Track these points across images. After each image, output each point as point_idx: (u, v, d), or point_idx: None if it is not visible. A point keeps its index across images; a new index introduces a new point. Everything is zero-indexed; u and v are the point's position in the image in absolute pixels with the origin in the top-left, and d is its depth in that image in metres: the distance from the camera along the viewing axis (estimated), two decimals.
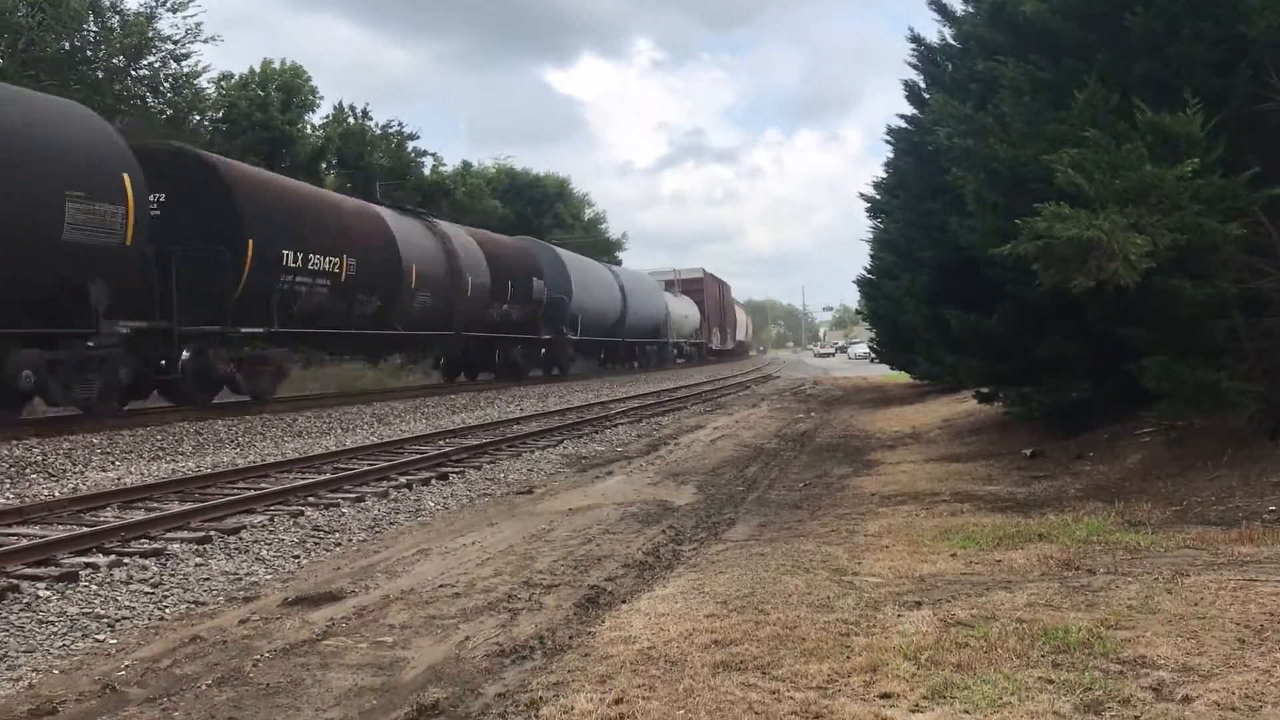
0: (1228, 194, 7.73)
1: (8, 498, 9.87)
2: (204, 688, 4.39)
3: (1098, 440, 11.00)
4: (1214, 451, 8.63)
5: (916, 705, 3.76)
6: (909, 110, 17.25)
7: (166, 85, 31.47)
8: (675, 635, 4.76)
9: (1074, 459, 10.39)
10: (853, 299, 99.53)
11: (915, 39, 15.33)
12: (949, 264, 13.24)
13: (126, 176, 14.69)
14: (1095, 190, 7.57)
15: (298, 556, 7.45)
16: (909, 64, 15.72)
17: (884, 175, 22.65)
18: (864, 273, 28.32)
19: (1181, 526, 6.84)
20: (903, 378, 29.32)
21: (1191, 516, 7.18)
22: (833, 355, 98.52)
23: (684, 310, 54.80)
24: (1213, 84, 8.18)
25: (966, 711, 3.66)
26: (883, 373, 35.79)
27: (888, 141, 19.57)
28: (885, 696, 3.86)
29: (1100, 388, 11.18)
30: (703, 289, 60.35)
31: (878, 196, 23.74)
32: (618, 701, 3.91)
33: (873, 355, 35.11)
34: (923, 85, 15.85)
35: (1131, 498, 7.95)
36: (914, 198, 16.50)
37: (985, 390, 14.47)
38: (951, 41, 14.17)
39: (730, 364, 62.98)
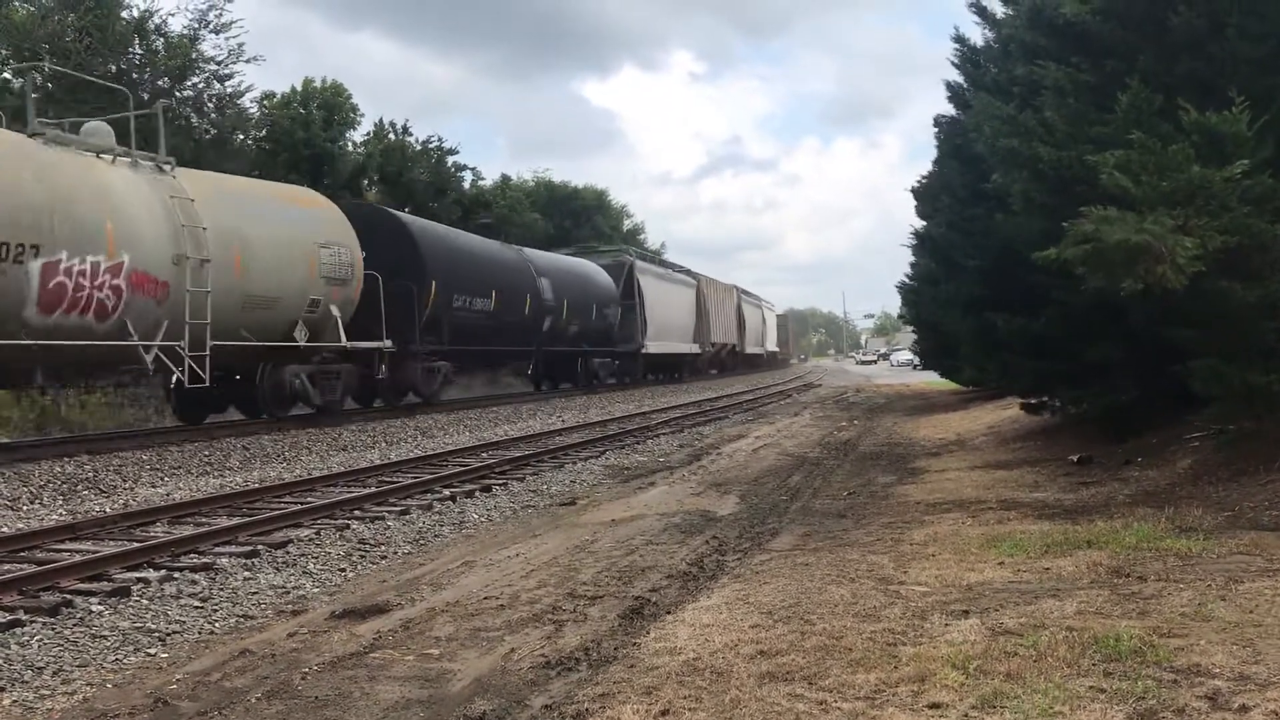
0: (1277, 194, 7.59)
1: (61, 515, 10.04)
2: (254, 700, 4.44)
3: (1146, 445, 10.83)
4: (1266, 455, 8.46)
5: (966, 715, 3.72)
6: (951, 112, 17.12)
7: (210, 105, 31.89)
8: (720, 646, 4.74)
9: (1122, 464, 10.23)
10: (894, 305, 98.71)
11: (959, 39, 15.19)
12: (993, 268, 13.13)
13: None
14: (1142, 192, 7.45)
15: (344, 570, 7.51)
16: (952, 63, 15.58)
17: (926, 178, 22.52)
18: (905, 279, 28.17)
19: (1234, 532, 6.71)
20: (946, 384, 29.10)
21: (1244, 522, 7.04)
22: (875, 362, 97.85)
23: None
24: (1259, 82, 8.02)
25: None
26: (925, 379, 35.52)
27: (935, 143, 19.40)
28: (934, 706, 3.83)
29: (1148, 391, 11.00)
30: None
31: (918, 201, 23.64)
32: (664, 713, 3.91)
33: (916, 362, 34.87)
34: (966, 86, 15.71)
35: (1182, 503, 7.81)
36: (958, 202, 16.35)
37: (1032, 401, 14.35)
38: (993, 44, 14.04)
39: (770, 373, 62.75)
